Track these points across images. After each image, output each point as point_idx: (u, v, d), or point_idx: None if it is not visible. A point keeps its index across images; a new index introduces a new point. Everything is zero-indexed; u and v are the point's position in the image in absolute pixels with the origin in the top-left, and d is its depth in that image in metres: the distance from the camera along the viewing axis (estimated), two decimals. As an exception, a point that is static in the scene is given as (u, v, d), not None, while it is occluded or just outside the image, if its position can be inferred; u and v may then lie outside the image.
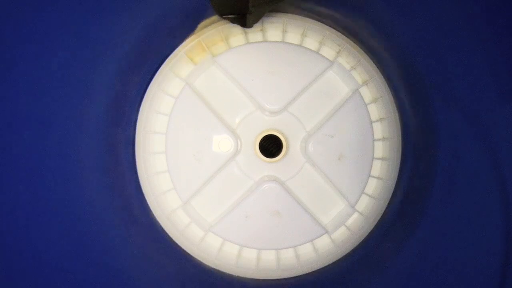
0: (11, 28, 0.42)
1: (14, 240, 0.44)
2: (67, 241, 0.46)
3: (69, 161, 0.47)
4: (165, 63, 0.52)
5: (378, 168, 0.54)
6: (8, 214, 0.44)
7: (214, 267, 0.53)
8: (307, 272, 0.54)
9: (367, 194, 0.54)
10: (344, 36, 0.53)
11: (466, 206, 0.48)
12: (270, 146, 0.54)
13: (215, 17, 0.52)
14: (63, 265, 0.45)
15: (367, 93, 0.54)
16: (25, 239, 0.44)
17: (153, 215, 0.53)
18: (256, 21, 0.51)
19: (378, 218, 0.54)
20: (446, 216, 0.49)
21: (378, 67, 0.53)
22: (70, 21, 0.45)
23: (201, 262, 0.53)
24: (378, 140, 0.54)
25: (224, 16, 0.50)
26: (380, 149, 0.54)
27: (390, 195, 0.54)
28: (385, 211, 0.54)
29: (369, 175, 0.54)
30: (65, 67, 0.46)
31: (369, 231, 0.54)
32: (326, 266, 0.54)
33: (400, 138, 0.53)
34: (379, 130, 0.54)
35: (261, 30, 0.53)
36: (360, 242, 0.54)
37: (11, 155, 0.45)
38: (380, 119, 0.54)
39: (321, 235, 0.54)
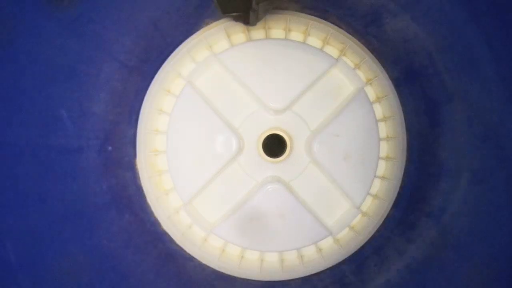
0: (13, 23, 0.41)
1: (13, 240, 0.43)
2: (66, 241, 0.45)
3: (69, 161, 0.46)
4: (166, 61, 0.52)
5: (383, 168, 0.54)
6: (8, 214, 0.43)
7: (217, 269, 0.52)
8: (310, 273, 0.53)
9: (371, 195, 0.54)
10: (348, 34, 0.52)
11: (471, 206, 0.48)
12: (274, 146, 0.53)
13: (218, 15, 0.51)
14: (63, 263, 0.44)
15: (371, 92, 0.53)
16: (25, 237, 0.43)
17: (154, 215, 0.52)
18: (259, 19, 0.50)
19: (383, 219, 0.53)
20: (451, 216, 0.49)
21: (382, 65, 0.53)
22: (70, 18, 0.44)
23: (203, 264, 0.52)
24: (383, 139, 0.53)
25: (227, 14, 0.49)
26: (385, 148, 0.54)
27: (395, 196, 0.53)
28: (389, 211, 0.53)
29: (374, 175, 0.53)
30: (66, 64, 0.45)
31: (373, 232, 0.53)
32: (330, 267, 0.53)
33: (405, 138, 0.53)
34: (383, 129, 0.54)
35: (264, 28, 0.53)
36: (364, 243, 0.53)
37: (10, 154, 0.44)
38: (385, 118, 0.54)
39: (325, 237, 0.53)
